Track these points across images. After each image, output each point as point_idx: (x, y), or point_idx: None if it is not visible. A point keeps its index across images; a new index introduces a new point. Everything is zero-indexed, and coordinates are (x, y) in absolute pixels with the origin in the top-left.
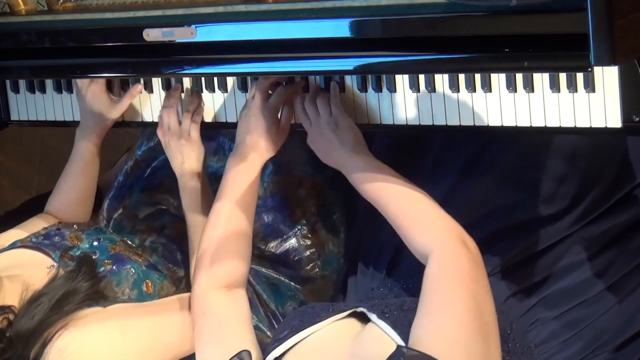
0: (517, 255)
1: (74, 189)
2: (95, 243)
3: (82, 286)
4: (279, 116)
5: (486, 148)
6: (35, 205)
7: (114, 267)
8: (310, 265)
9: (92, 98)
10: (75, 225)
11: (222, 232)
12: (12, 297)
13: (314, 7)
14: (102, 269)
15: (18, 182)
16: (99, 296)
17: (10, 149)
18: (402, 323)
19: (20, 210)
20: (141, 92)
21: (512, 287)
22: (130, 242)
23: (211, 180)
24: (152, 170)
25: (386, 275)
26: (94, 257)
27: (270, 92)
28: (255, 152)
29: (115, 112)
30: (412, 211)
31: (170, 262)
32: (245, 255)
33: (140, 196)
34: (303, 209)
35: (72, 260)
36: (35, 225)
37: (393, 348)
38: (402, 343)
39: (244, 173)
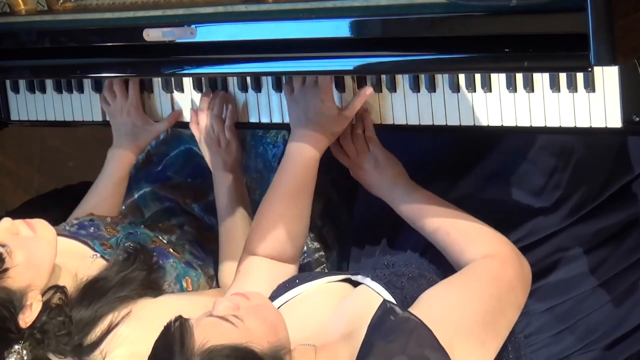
0: None
1: (102, 207)
2: (133, 235)
3: (140, 274)
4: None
5: (477, 144)
6: (35, 205)
7: (159, 259)
8: (320, 267)
9: (127, 118)
10: (108, 218)
11: (278, 210)
12: (63, 283)
13: (314, 7)
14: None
15: (18, 182)
16: (153, 286)
17: (10, 149)
18: (395, 285)
19: (21, 210)
20: (178, 118)
21: None
22: (161, 239)
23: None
24: (164, 167)
25: (380, 255)
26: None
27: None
28: (315, 137)
29: (152, 135)
30: (464, 228)
31: (200, 260)
32: (299, 234)
33: (149, 190)
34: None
35: (113, 248)
36: None
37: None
38: (394, 302)
39: (305, 159)
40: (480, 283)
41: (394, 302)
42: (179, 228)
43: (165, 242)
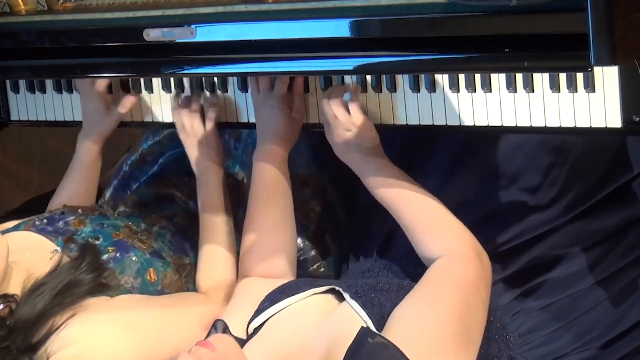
0: (504, 244)
1: (75, 193)
2: (99, 228)
3: (86, 278)
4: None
5: (473, 141)
6: (35, 205)
7: (117, 254)
8: (316, 265)
9: (91, 104)
10: (80, 210)
11: (262, 226)
12: (16, 285)
13: (314, 7)
14: (105, 256)
15: (18, 182)
16: (103, 287)
17: (10, 149)
18: (373, 303)
19: (20, 210)
20: (134, 103)
21: (497, 275)
22: (135, 227)
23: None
24: (159, 167)
25: (377, 257)
26: (97, 242)
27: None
28: (275, 142)
29: (113, 121)
30: (428, 217)
31: (176, 249)
32: (288, 244)
33: (147, 189)
34: (307, 208)
35: (76, 244)
36: None
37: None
38: (370, 323)
39: (271, 164)
40: (446, 290)
41: (371, 322)
42: (169, 219)
43: (137, 230)
